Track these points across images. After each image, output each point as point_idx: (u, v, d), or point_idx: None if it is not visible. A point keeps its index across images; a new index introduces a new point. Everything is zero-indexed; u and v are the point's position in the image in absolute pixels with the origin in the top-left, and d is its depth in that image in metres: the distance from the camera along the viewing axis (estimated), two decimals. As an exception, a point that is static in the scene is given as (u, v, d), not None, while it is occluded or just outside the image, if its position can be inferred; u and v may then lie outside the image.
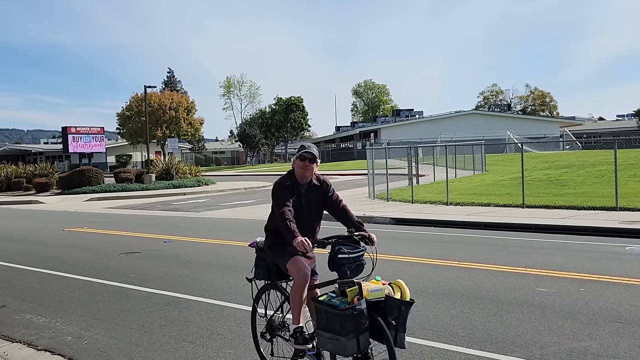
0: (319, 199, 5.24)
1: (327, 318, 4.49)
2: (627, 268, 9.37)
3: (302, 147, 5.16)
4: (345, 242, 4.79)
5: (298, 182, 5.14)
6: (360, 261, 4.70)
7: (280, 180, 5.18)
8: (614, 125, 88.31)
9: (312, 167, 5.13)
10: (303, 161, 5.11)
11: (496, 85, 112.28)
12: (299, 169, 5.13)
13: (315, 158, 5.13)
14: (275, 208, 5.02)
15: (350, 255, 4.64)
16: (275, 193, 5.08)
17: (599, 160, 28.61)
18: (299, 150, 5.15)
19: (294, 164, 5.18)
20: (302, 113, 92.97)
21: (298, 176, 5.15)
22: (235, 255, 12.09)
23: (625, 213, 15.64)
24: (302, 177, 5.14)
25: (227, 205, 25.80)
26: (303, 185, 5.17)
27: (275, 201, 5.05)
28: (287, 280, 5.36)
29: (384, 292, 4.45)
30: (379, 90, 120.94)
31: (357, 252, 4.71)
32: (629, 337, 6.03)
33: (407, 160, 27.62)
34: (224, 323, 7.15)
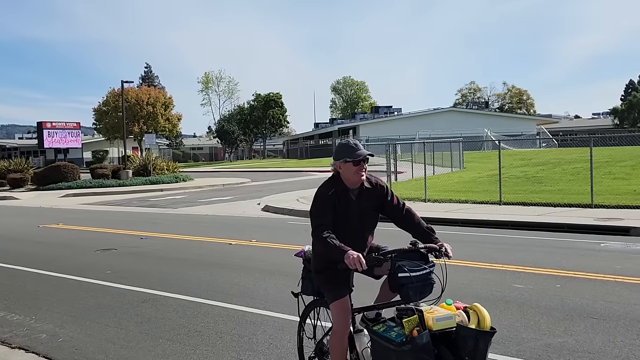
0: (373, 204, 4.38)
1: (383, 353, 3.75)
2: (602, 264, 9.48)
3: (351, 148, 4.22)
4: (409, 256, 3.95)
5: (347, 188, 4.28)
6: (428, 280, 3.86)
7: (322, 188, 4.32)
8: (589, 124, 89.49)
9: (365, 169, 4.27)
10: (358, 165, 4.19)
11: (474, 83, 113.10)
12: (352, 175, 4.22)
13: (370, 156, 4.25)
14: (311, 224, 4.22)
15: (413, 274, 3.81)
16: (314, 204, 4.28)
17: (575, 157, 28.93)
18: (343, 149, 4.23)
19: (338, 168, 4.26)
20: (281, 109, 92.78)
21: (348, 181, 4.26)
22: (213, 252, 12.04)
23: (600, 210, 15.84)
24: (355, 182, 4.28)
25: (205, 201, 25.66)
26: (353, 191, 4.29)
27: (312, 215, 4.24)
28: None
29: (454, 321, 3.55)
30: (358, 87, 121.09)
31: (423, 269, 3.86)
32: (603, 332, 6.10)
33: (386, 157, 27.67)
34: (201, 320, 7.10)
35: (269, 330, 6.56)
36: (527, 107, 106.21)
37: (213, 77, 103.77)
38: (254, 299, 7.96)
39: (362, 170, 4.21)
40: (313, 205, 4.27)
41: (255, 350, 5.94)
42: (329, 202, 4.20)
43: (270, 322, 6.87)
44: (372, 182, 4.39)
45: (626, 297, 7.46)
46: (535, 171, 27.30)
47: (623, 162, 27.03)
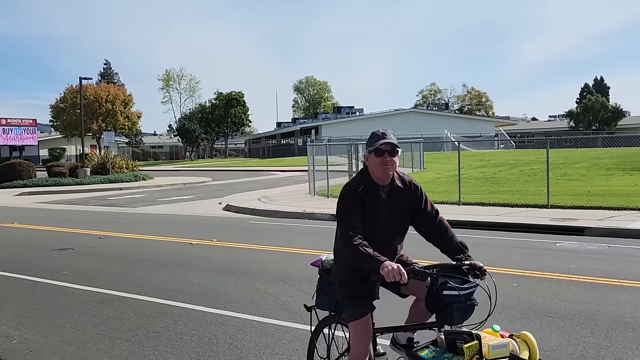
0: (405, 208, 3.86)
1: None
2: (558, 264, 9.69)
3: (376, 136, 3.74)
4: (450, 273, 3.54)
5: (376, 185, 3.77)
6: (472, 300, 3.47)
7: (349, 186, 3.80)
8: (546, 126, 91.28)
9: (394, 162, 3.74)
10: (381, 155, 3.70)
11: (435, 85, 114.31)
12: (377, 168, 3.73)
13: (396, 148, 3.73)
14: (338, 229, 3.72)
15: (461, 292, 3.41)
16: (340, 205, 3.74)
17: (531, 159, 29.50)
18: (371, 139, 3.75)
19: (365, 160, 3.82)
20: (243, 108, 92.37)
21: (375, 176, 3.77)
22: (173, 252, 11.91)
23: (556, 210, 16.19)
24: (383, 176, 3.76)
25: (165, 200, 25.38)
26: (383, 188, 3.79)
27: (339, 218, 3.72)
28: None
29: (508, 350, 3.22)
30: (320, 87, 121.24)
31: (469, 287, 3.46)
32: (559, 331, 6.24)
33: (348, 157, 27.77)
34: (160, 321, 7.02)
35: (229, 331, 6.52)
36: (486, 109, 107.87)
37: (174, 75, 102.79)
38: (215, 299, 7.90)
39: (387, 163, 3.70)
40: (339, 205, 3.74)
41: (215, 351, 5.90)
42: (358, 200, 3.68)
43: (231, 323, 6.83)
44: (404, 181, 3.89)
45: (580, 295, 7.64)
46: (493, 172, 27.76)
47: (578, 163, 27.68)
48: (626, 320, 6.55)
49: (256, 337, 6.26)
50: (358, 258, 3.50)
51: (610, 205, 16.06)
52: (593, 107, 79.15)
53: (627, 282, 8.29)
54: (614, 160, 27.59)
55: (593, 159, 28.68)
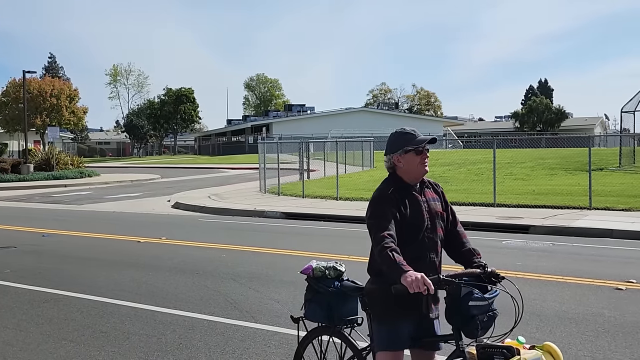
0: (440, 205, 3.57)
1: None
2: (504, 261, 9.88)
3: (410, 135, 3.48)
4: (470, 281, 3.30)
5: (408, 185, 3.47)
6: (494, 311, 3.27)
7: (378, 190, 3.49)
8: (492, 126, 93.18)
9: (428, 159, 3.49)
10: (420, 154, 3.44)
11: (385, 84, 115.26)
12: (416, 167, 3.45)
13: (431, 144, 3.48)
14: (370, 232, 3.36)
15: (487, 303, 3.21)
16: (371, 207, 3.42)
17: (478, 158, 30.08)
18: (401, 137, 3.49)
19: (397, 162, 3.49)
20: (193, 105, 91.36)
21: (410, 175, 3.47)
22: (120, 250, 11.68)
23: (502, 209, 16.56)
24: (420, 175, 3.48)
25: (112, 198, 24.89)
26: (415, 188, 3.50)
27: (370, 221, 3.38)
28: (354, 325, 3.88)
29: None
30: (272, 84, 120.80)
31: (492, 296, 3.26)
32: (504, 327, 6.31)
33: (299, 155, 27.80)
34: (107, 320, 6.86)
35: (178, 330, 6.43)
36: (435, 109, 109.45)
37: (122, 70, 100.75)
38: (164, 298, 7.78)
39: (426, 160, 3.46)
40: (369, 210, 3.42)
41: (164, 351, 5.81)
42: (390, 202, 3.37)
43: (180, 322, 6.73)
44: (429, 180, 3.65)
45: (526, 292, 7.80)
46: (441, 171, 28.18)
47: (523, 163, 28.39)
48: (570, 316, 6.74)
49: (206, 336, 6.19)
50: (385, 261, 3.18)
51: (553, 204, 16.53)
52: (537, 109, 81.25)
53: (570, 278, 8.53)
54: (557, 160, 28.41)
55: (537, 159, 29.47)
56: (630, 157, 25.68)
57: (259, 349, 5.79)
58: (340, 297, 3.80)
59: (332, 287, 3.81)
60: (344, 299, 3.81)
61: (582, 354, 5.54)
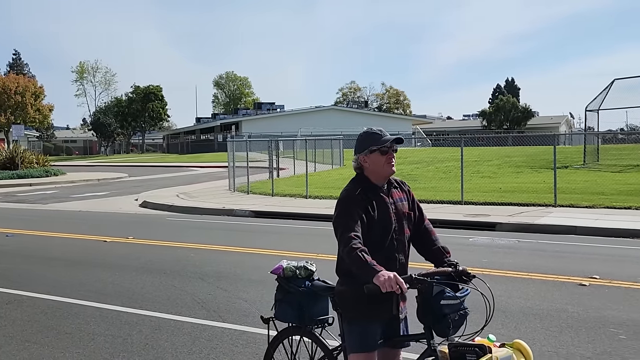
0: (409, 204, 3.59)
1: None
2: (471, 258, 9.98)
3: (376, 135, 3.48)
4: (441, 280, 3.31)
5: (375, 186, 3.47)
6: (465, 309, 3.29)
7: (346, 191, 3.46)
8: (460, 125, 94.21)
9: (395, 160, 3.48)
10: (385, 154, 3.43)
11: (354, 83, 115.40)
12: (381, 167, 3.44)
13: (398, 144, 3.48)
14: (336, 234, 3.36)
15: (458, 301, 3.23)
16: (338, 208, 3.41)
17: (446, 156, 30.39)
18: (367, 137, 3.48)
19: (363, 162, 3.48)
20: (161, 102, 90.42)
21: (376, 176, 3.47)
22: (86, 250, 11.52)
23: (470, 207, 16.74)
24: (386, 174, 3.47)
25: (78, 197, 24.52)
26: (382, 189, 3.50)
27: (336, 221, 3.37)
28: (325, 325, 3.87)
29: None
30: (241, 82, 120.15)
31: (463, 294, 3.28)
32: (471, 324, 6.39)
33: (268, 154, 27.73)
34: (72, 321, 6.76)
35: (145, 330, 6.36)
36: (404, 108, 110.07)
37: (88, 67, 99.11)
38: (130, 298, 7.69)
39: (392, 159, 3.44)
40: (337, 209, 3.41)
41: (130, 351, 5.75)
42: (357, 203, 3.35)
43: (147, 322, 6.67)
44: (395, 179, 3.63)
45: (492, 289, 7.87)
46: (410, 169, 28.38)
47: (490, 161, 28.72)
48: (534, 311, 6.85)
49: (173, 336, 6.14)
50: (355, 262, 3.18)
51: (519, 202, 16.78)
52: (504, 107, 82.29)
53: (535, 275, 8.67)
54: (523, 158, 28.82)
55: (504, 157, 29.82)
56: (594, 155, 26.17)
57: (227, 348, 5.76)
58: (311, 297, 3.79)
59: (302, 287, 3.81)
60: (315, 298, 3.80)
61: (546, 350, 5.64)
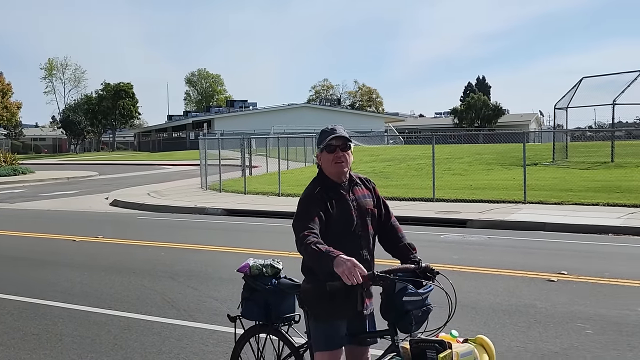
0: (372, 202, 3.60)
1: None
2: (442, 255, 10.07)
3: (325, 133, 3.45)
4: (405, 276, 3.32)
5: (335, 184, 3.47)
6: (428, 306, 3.31)
7: (305, 190, 3.51)
8: (432, 122, 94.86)
9: (347, 157, 3.45)
10: (332, 152, 3.42)
11: (327, 80, 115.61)
12: (331, 165, 3.43)
13: (348, 142, 3.46)
14: (295, 235, 3.37)
15: (421, 298, 3.24)
16: (297, 208, 3.45)
17: (418, 154, 30.58)
18: (321, 137, 3.46)
19: (319, 160, 3.53)
20: (132, 100, 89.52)
21: (332, 174, 3.46)
22: (55, 250, 11.35)
23: (441, 204, 16.87)
24: (339, 174, 3.46)
25: (47, 195, 24.14)
26: (343, 185, 3.49)
27: (295, 226, 3.40)
28: (291, 323, 3.88)
29: (473, 357, 3.08)
30: (213, 80, 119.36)
31: (426, 291, 3.28)
32: (439, 320, 6.46)
33: (241, 151, 27.63)
34: (39, 322, 6.65)
35: (113, 331, 6.29)
36: (377, 105, 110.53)
37: (57, 64, 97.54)
38: (99, 298, 7.59)
39: (340, 158, 3.41)
40: (297, 209, 3.45)
41: (98, 352, 5.68)
42: (316, 202, 3.36)
43: (116, 322, 6.59)
44: (360, 178, 3.65)
45: (461, 285, 7.98)
46: (382, 167, 28.50)
47: (461, 159, 28.97)
48: (503, 307, 6.93)
49: (142, 337, 6.08)
50: (311, 256, 3.16)
51: (490, 199, 16.95)
52: (475, 105, 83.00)
53: (504, 271, 8.77)
54: (493, 155, 29.10)
55: (475, 154, 30.10)
56: (563, 152, 26.52)
57: (197, 347, 5.72)
58: (277, 294, 3.79)
59: (269, 285, 3.80)
60: (282, 296, 3.80)
61: (514, 345, 5.70)
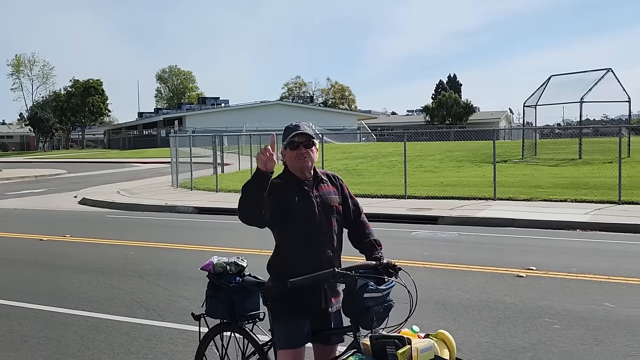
0: (338, 198, 3.59)
1: None
2: (413, 251, 10.12)
3: (289, 129, 3.49)
4: (367, 273, 3.34)
5: (298, 179, 3.49)
6: (390, 302, 3.32)
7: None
8: (404, 120, 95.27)
9: (310, 154, 3.46)
10: (295, 148, 3.45)
11: (300, 78, 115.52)
12: (294, 161, 3.47)
13: (311, 139, 3.47)
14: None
15: (382, 294, 3.23)
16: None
17: (390, 151, 30.66)
18: (285, 133, 3.50)
19: (283, 157, 3.58)
20: (102, 97, 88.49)
21: (296, 171, 3.50)
22: (22, 249, 11.15)
23: (413, 201, 16.96)
24: (302, 170, 3.48)
25: (14, 194, 23.71)
26: (307, 182, 3.51)
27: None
28: (256, 320, 3.87)
29: (433, 352, 3.09)
30: (185, 76, 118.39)
31: (387, 287, 3.29)
32: (412, 316, 6.49)
33: (213, 149, 27.42)
34: (4, 323, 6.51)
35: (80, 331, 6.18)
36: (349, 103, 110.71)
37: (25, 60, 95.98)
38: (65, 298, 7.46)
39: (303, 154, 3.44)
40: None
41: (64, 353, 5.57)
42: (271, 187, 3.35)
43: (83, 322, 6.48)
44: (327, 174, 3.65)
45: (433, 281, 8.03)
46: (355, 164, 28.56)
47: (433, 156, 29.14)
48: (473, 303, 6.97)
49: (110, 337, 5.98)
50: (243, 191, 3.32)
51: (461, 195, 17.09)
52: (447, 103, 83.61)
53: (474, 267, 8.84)
54: (464, 153, 29.33)
55: (446, 151, 30.30)
56: (532, 149, 26.85)
57: (166, 347, 5.65)
58: (241, 292, 3.76)
59: (233, 283, 3.77)
60: (246, 294, 3.77)
61: (484, 340, 5.74)
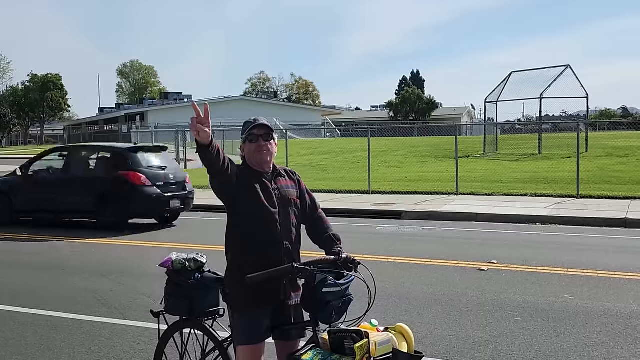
0: (296, 192, 3.62)
1: None
2: (377, 246, 10.18)
3: (248, 124, 3.54)
4: (326, 268, 3.33)
5: (258, 172, 3.51)
6: (349, 296, 3.30)
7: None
8: (368, 115, 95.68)
9: (269, 147, 3.49)
10: (255, 142, 3.49)
11: (264, 73, 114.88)
12: (253, 155, 3.50)
13: (271, 132, 3.52)
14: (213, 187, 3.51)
15: (340, 289, 3.22)
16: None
17: (355, 147, 30.77)
18: (244, 128, 3.55)
19: (242, 151, 3.60)
20: (61, 92, 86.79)
21: (255, 164, 3.51)
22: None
23: (377, 196, 17.06)
24: (261, 164, 3.51)
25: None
26: (265, 175, 3.53)
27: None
28: (215, 317, 3.83)
29: (391, 345, 3.10)
30: (147, 71, 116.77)
31: (346, 282, 3.28)
32: (376, 310, 6.42)
33: (175, 145, 27.16)
34: (-41, 325, 6.33)
35: (40, 331, 6.05)
36: (313, 99, 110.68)
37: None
38: (24, 298, 7.29)
39: (262, 148, 3.47)
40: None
41: (23, 354, 5.45)
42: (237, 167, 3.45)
43: (42, 322, 6.34)
44: (285, 170, 3.69)
45: (397, 276, 8.09)
46: (320, 159, 28.59)
47: (397, 151, 29.34)
48: (436, 297, 7.04)
49: (70, 336, 5.87)
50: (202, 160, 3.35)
51: (424, 190, 17.26)
52: (410, 99, 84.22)
53: (437, 261, 8.93)
54: (428, 148, 29.61)
55: (410, 147, 30.53)
56: (493, 144, 27.26)
57: (128, 346, 5.57)
58: (201, 289, 3.72)
59: (192, 280, 3.73)
60: (205, 290, 3.73)
61: (446, 334, 5.80)
